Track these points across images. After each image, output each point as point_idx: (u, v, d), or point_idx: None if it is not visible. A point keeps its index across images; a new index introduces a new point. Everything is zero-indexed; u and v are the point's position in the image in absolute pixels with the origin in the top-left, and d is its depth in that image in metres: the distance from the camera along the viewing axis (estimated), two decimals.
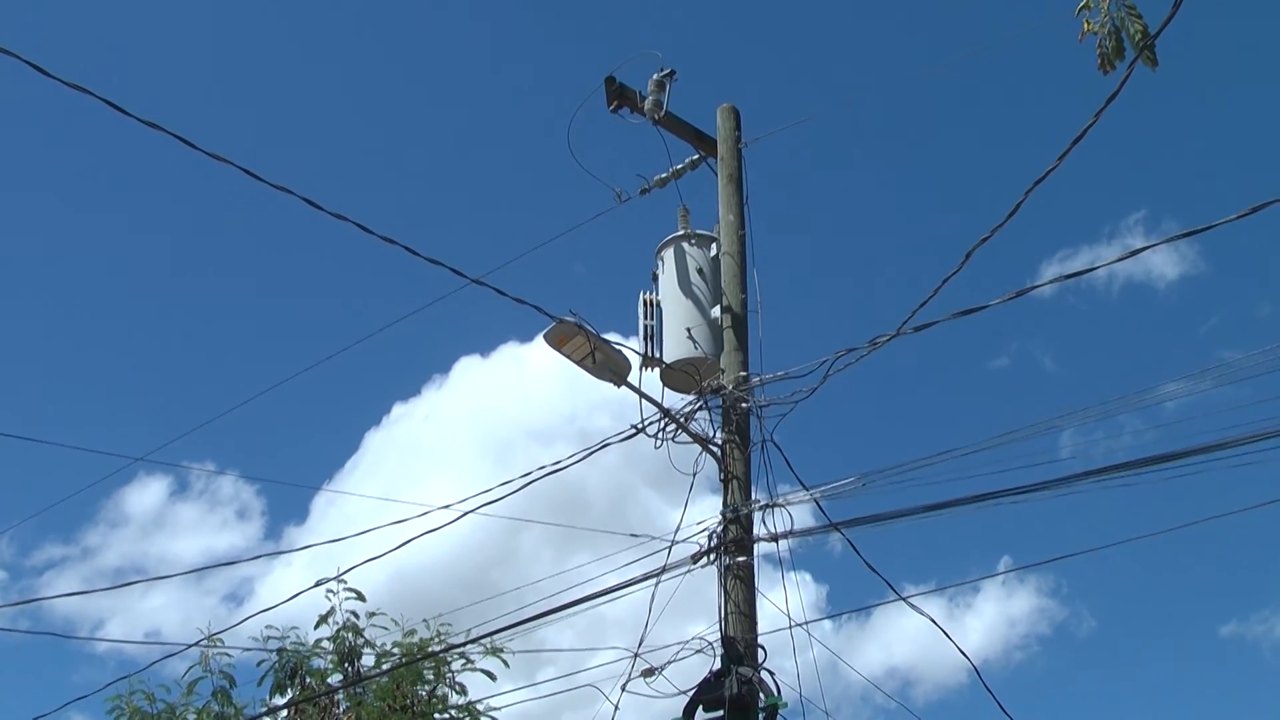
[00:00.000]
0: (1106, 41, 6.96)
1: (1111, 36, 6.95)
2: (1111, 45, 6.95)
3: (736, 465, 10.21)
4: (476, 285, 9.92)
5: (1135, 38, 6.91)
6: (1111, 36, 6.95)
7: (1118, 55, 6.95)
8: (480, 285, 9.95)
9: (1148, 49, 6.85)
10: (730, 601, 9.83)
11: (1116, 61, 6.97)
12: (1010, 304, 9.16)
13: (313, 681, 15.02)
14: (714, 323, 10.72)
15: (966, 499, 9.34)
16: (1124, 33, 6.94)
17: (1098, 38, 7.00)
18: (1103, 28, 6.98)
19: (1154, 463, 8.66)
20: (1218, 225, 8.08)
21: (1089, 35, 7.04)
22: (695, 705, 9.73)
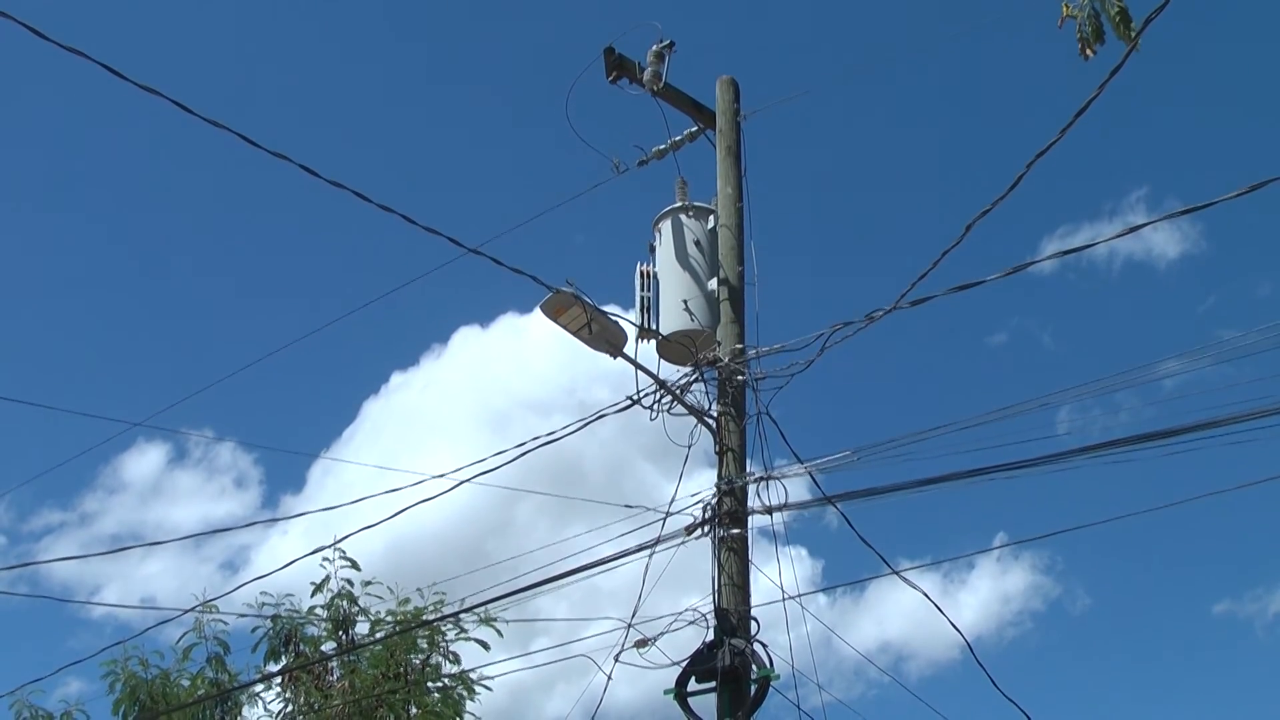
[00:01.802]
0: (1085, 25, 6.88)
1: (1091, 20, 6.87)
2: (1091, 29, 6.87)
3: (732, 438, 10.22)
4: (474, 255, 9.90)
5: (1114, 19, 6.82)
6: (1091, 20, 6.87)
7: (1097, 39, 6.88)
8: (478, 255, 9.92)
9: (1126, 29, 6.78)
10: (724, 574, 9.85)
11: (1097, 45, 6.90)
12: (1010, 280, 9.17)
13: (307, 649, 15.07)
14: (711, 295, 10.71)
15: (961, 474, 9.36)
16: (1103, 15, 6.84)
17: (1076, 22, 6.92)
18: (1081, 11, 6.90)
19: (1150, 439, 8.68)
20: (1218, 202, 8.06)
21: (1068, 20, 6.96)
22: (688, 676, 9.77)
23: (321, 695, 14.66)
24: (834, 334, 9.95)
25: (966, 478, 9.33)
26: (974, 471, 9.32)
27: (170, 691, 14.93)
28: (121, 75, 7.79)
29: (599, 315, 10.17)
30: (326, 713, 14.29)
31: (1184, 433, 8.51)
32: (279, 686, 15.06)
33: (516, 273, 9.95)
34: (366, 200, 9.16)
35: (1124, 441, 8.84)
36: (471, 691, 14.94)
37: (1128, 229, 9.34)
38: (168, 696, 14.85)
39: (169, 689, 14.95)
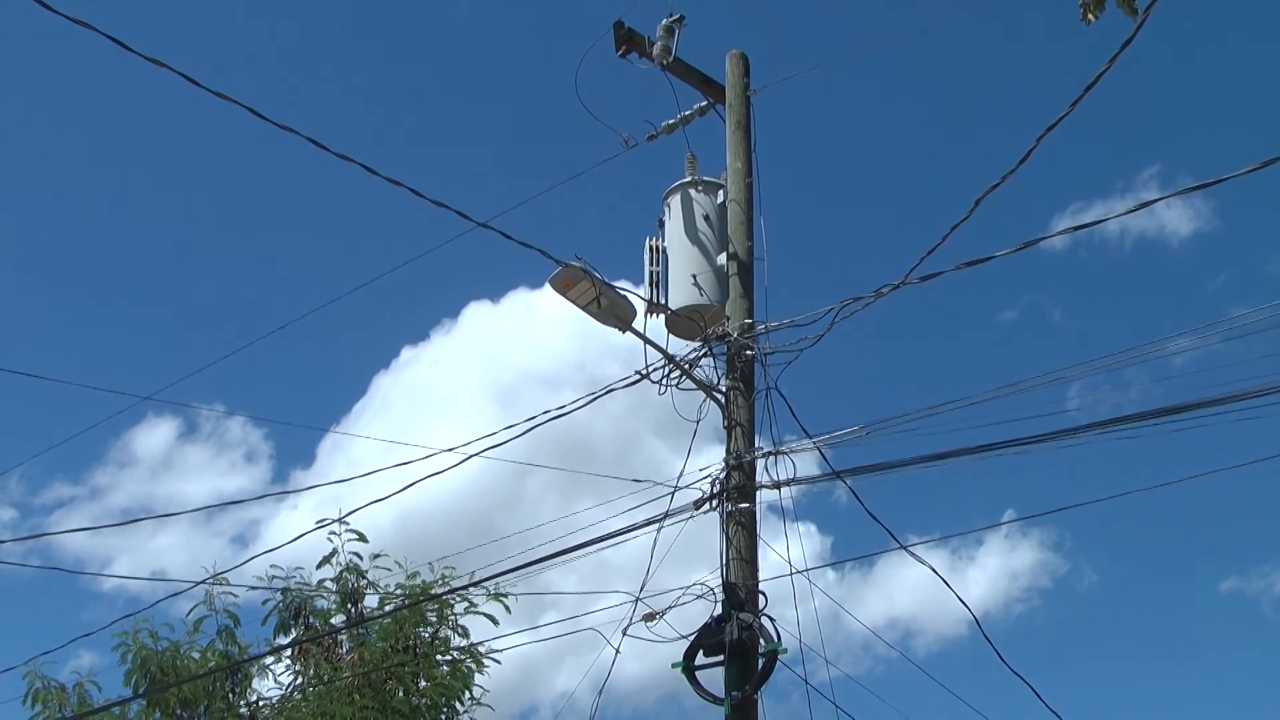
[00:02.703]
0: None
1: None
2: None
3: (740, 412, 10.21)
4: (484, 230, 9.89)
5: None
6: None
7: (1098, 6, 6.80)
8: (487, 229, 9.92)
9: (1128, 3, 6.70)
10: (732, 548, 9.86)
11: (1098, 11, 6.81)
12: (1021, 257, 9.13)
13: (316, 622, 15.12)
14: (720, 270, 10.70)
15: (970, 449, 9.35)
16: None
17: None
18: None
19: (1158, 415, 8.66)
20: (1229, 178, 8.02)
21: None
22: (696, 650, 9.79)
23: (331, 668, 14.72)
24: (843, 309, 9.94)
25: (975, 453, 9.32)
26: (983, 447, 9.31)
27: (180, 663, 15.01)
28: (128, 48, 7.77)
29: (608, 290, 10.16)
30: (336, 685, 14.34)
31: (1193, 409, 8.49)
32: (288, 659, 15.14)
33: (525, 247, 9.95)
34: (374, 174, 9.15)
35: (1133, 418, 8.82)
36: (480, 665, 14.99)
37: (1139, 205, 9.28)
38: (178, 668, 14.92)
39: (179, 661, 15.03)
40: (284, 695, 15.01)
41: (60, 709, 15.16)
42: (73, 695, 15.35)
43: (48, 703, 15.21)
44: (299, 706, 14.50)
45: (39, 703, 15.20)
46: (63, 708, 15.18)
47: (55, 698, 15.24)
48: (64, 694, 15.29)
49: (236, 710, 15.05)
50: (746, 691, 9.55)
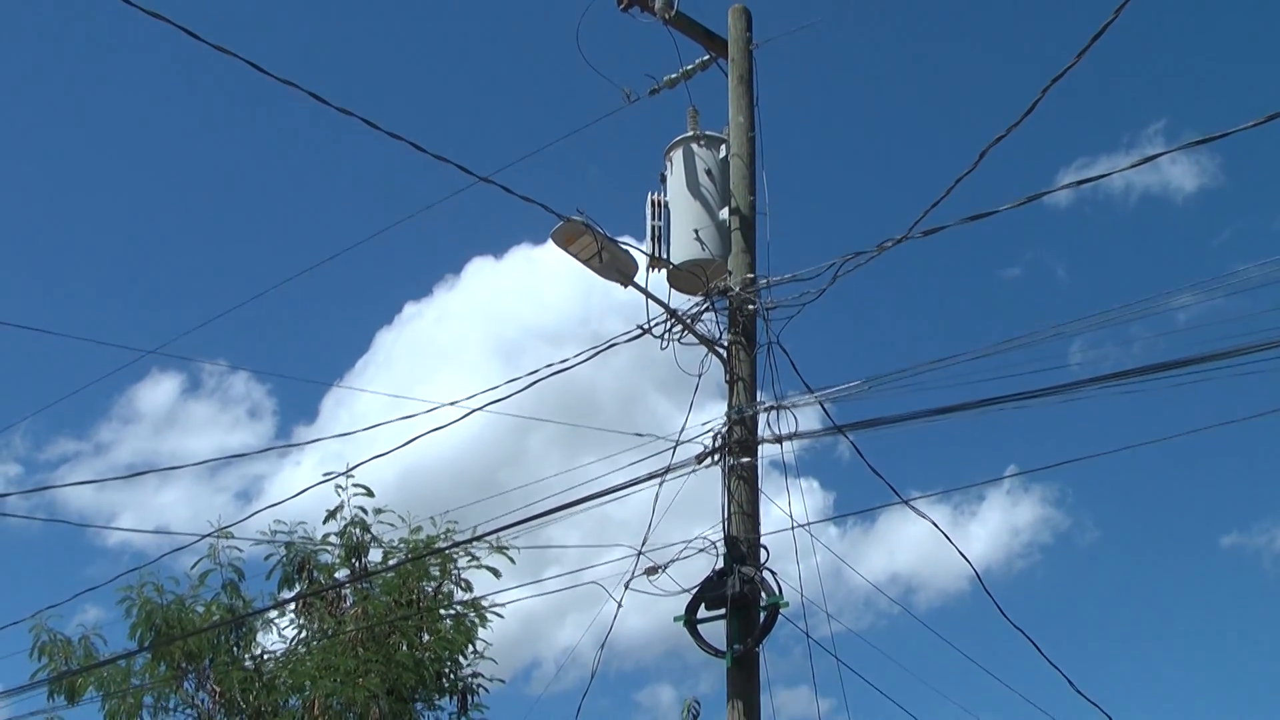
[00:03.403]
0: None
1: None
2: None
3: (742, 367, 10.22)
4: (486, 186, 9.86)
5: None
6: None
7: None
8: (488, 183, 9.89)
9: None
10: (734, 502, 9.88)
11: None
12: (1025, 213, 9.12)
13: (320, 576, 15.19)
14: (722, 225, 10.67)
15: (972, 403, 9.35)
16: None
17: None
18: None
19: (1160, 370, 8.66)
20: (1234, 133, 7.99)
21: None
22: (698, 604, 9.83)
23: (335, 621, 14.80)
24: (845, 264, 9.92)
25: (977, 408, 9.32)
26: (985, 401, 9.31)
27: (185, 617, 15.08)
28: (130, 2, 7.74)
29: (610, 244, 10.15)
30: (339, 639, 14.42)
31: (1195, 363, 8.48)
32: (293, 613, 15.21)
33: (527, 201, 9.92)
34: (375, 128, 9.12)
35: (1135, 372, 8.82)
36: (483, 619, 15.07)
37: (1143, 159, 9.23)
38: (183, 622, 15.00)
39: (184, 615, 15.10)
40: (288, 649, 15.10)
41: (66, 662, 15.26)
42: (79, 648, 15.45)
43: (54, 656, 15.31)
44: (303, 660, 14.59)
45: (45, 656, 15.30)
46: (69, 661, 15.28)
47: (62, 651, 15.34)
48: (70, 647, 15.39)
49: (241, 663, 15.14)
50: (748, 645, 9.60)
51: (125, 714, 15.00)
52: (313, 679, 14.07)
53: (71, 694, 15.15)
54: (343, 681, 13.68)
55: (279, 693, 14.76)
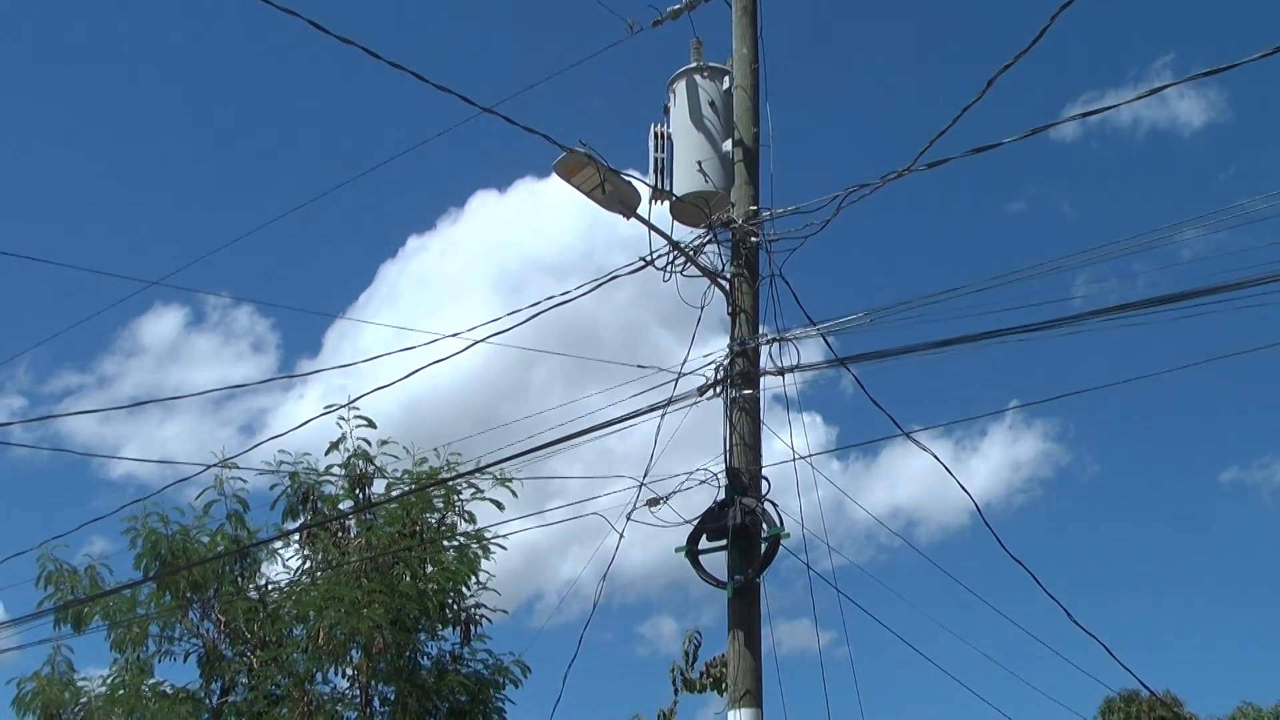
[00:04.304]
0: None
1: None
2: None
3: (745, 299, 10.21)
4: (489, 118, 9.82)
5: None
6: None
7: None
8: (491, 114, 9.84)
9: None
10: (735, 434, 9.91)
11: None
12: (1030, 148, 9.14)
13: (324, 507, 15.26)
14: (725, 156, 10.63)
15: (974, 335, 9.35)
16: None
17: None
18: None
19: (1162, 303, 8.65)
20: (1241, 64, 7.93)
21: None
22: (699, 535, 9.88)
23: (339, 552, 14.89)
24: (849, 196, 9.89)
25: (979, 340, 9.32)
26: (987, 334, 9.31)
27: (190, 547, 15.18)
28: None
29: (612, 175, 10.12)
30: (344, 569, 14.52)
31: (1197, 296, 8.47)
32: (297, 543, 15.31)
33: (529, 131, 9.88)
34: (377, 58, 9.07)
35: (1137, 305, 8.81)
36: (486, 550, 15.16)
37: (1150, 90, 9.14)
38: (188, 552, 15.09)
39: (189, 545, 15.20)
40: (292, 579, 15.20)
41: (72, 591, 15.37)
42: (84, 578, 15.56)
43: (60, 585, 15.43)
44: (307, 590, 14.69)
45: (51, 585, 15.41)
46: (75, 590, 15.40)
47: (68, 580, 15.45)
48: (76, 577, 15.50)
49: (246, 593, 15.25)
50: (749, 575, 9.66)
51: (131, 643, 15.14)
52: (318, 609, 14.17)
53: (78, 623, 15.29)
54: (347, 612, 13.78)
55: (283, 623, 14.88)
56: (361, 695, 14.47)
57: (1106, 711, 49.88)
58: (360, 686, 14.52)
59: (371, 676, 14.46)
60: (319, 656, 14.08)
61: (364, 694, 14.46)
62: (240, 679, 14.99)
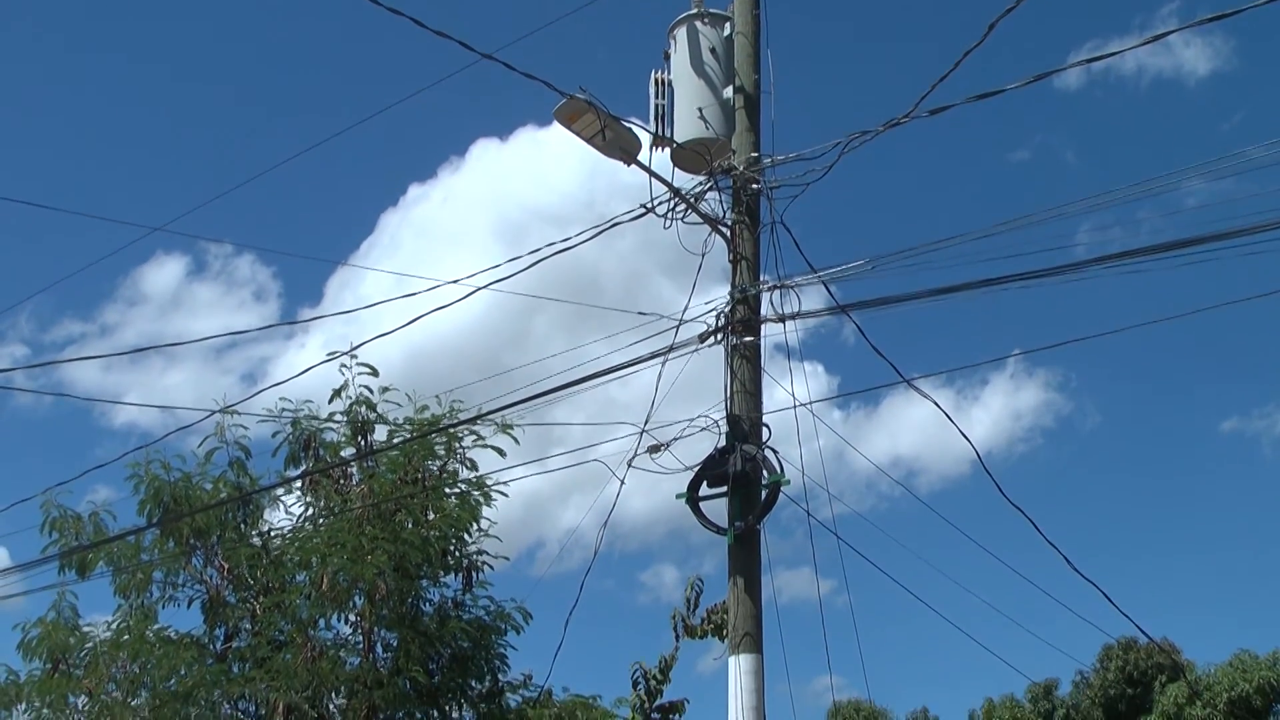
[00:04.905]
0: None
1: None
2: None
3: (746, 246, 10.21)
4: (490, 66, 9.79)
5: None
6: None
7: None
8: (490, 60, 9.80)
9: None
10: (736, 381, 9.94)
11: None
12: (1034, 96, 9.19)
13: (326, 454, 15.29)
14: (726, 103, 10.60)
15: (977, 283, 9.35)
16: None
17: None
18: None
19: (1165, 249, 8.64)
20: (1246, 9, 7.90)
21: None
22: (699, 481, 9.93)
23: (341, 499, 14.94)
24: (850, 143, 9.87)
25: (981, 287, 9.33)
26: (989, 281, 9.31)
27: (193, 494, 15.22)
28: None
29: (612, 121, 10.10)
30: (347, 516, 14.58)
31: (1200, 243, 8.47)
32: (299, 490, 15.35)
33: (529, 78, 9.86)
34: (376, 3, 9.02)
35: (1140, 251, 8.81)
36: (488, 497, 15.20)
37: (1155, 36, 9.12)
38: (190, 499, 15.14)
39: (192, 492, 15.24)
40: (295, 526, 15.27)
41: (77, 537, 15.44)
42: (88, 524, 15.62)
43: (64, 531, 15.49)
44: (310, 537, 14.75)
45: (55, 531, 15.48)
46: (79, 536, 15.46)
47: (72, 526, 15.51)
48: (80, 523, 15.56)
49: (248, 540, 15.32)
50: (749, 522, 9.71)
51: (135, 589, 15.23)
52: (321, 556, 14.24)
53: (82, 569, 15.36)
54: (350, 558, 13.84)
55: (286, 569, 14.94)
56: (364, 641, 14.56)
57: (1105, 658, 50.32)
58: (363, 632, 14.61)
59: (374, 622, 14.55)
60: (322, 603, 14.15)
61: (367, 640, 14.55)
62: (244, 625, 15.07)
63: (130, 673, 14.68)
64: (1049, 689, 51.56)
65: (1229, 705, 42.70)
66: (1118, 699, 49.74)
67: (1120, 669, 49.71)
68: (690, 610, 15.28)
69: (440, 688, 14.85)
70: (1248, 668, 43.83)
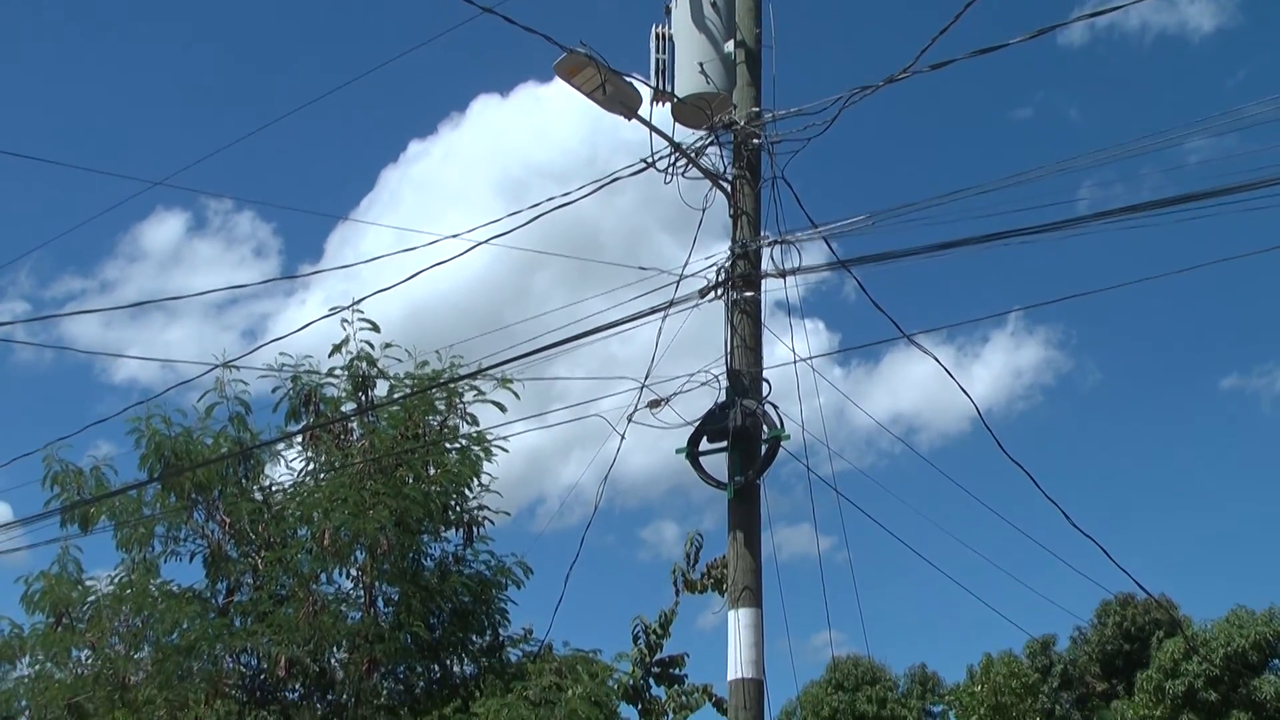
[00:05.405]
0: None
1: None
2: None
3: (746, 201, 10.20)
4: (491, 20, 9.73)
5: None
6: None
7: None
8: (490, 14, 9.75)
9: None
10: (736, 336, 9.94)
11: None
12: (1037, 53, 9.14)
13: (326, 409, 15.31)
14: (727, 58, 10.56)
15: (977, 238, 9.35)
16: None
17: None
18: None
19: (1167, 204, 8.63)
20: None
21: None
22: (699, 436, 9.96)
23: (342, 454, 14.97)
24: (851, 98, 9.83)
25: (982, 242, 9.32)
26: (990, 236, 9.30)
27: (194, 449, 15.25)
28: None
29: (613, 76, 10.06)
30: (348, 471, 14.61)
31: (1201, 198, 8.45)
32: (300, 445, 15.39)
33: (529, 32, 9.81)
34: None
35: (1141, 207, 8.80)
36: (488, 453, 15.24)
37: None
38: (191, 454, 15.17)
39: (193, 447, 15.27)
40: (296, 481, 15.30)
41: (79, 491, 15.48)
42: (90, 479, 15.65)
43: (66, 485, 15.53)
44: (312, 492, 14.80)
45: (57, 485, 15.51)
46: (80, 490, 15.50)
47: (73, 481, 15.54)
48: (81, 477, 15.59)
49: (250, 495, 15.36)
50: (749, 476, 9.74)
51: (137, 543, 15.29)
52: (322, 511, 14.28)
53: (84, 523, 15.41)
54: (351, 513, 13.89)
55: (288, 524, 15.00)
56: (366, 595, 14.63)
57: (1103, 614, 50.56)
58: (364, 587, 14.67)
59: (376, 577, 14.61)
60: (324, 557, 14.21)
61: (368, 594, 14.61)
62: (245, 579, 15.14)
63: (133, 626, 14.77)
64: (1047, 644, 51.87)
65: (1225, 660, 42.94)
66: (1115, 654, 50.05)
67: (1118, 624, 49.99)
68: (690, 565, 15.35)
69: (441, 642, 14.94)
70: (1244, 623, 44.05)
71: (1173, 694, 43.43)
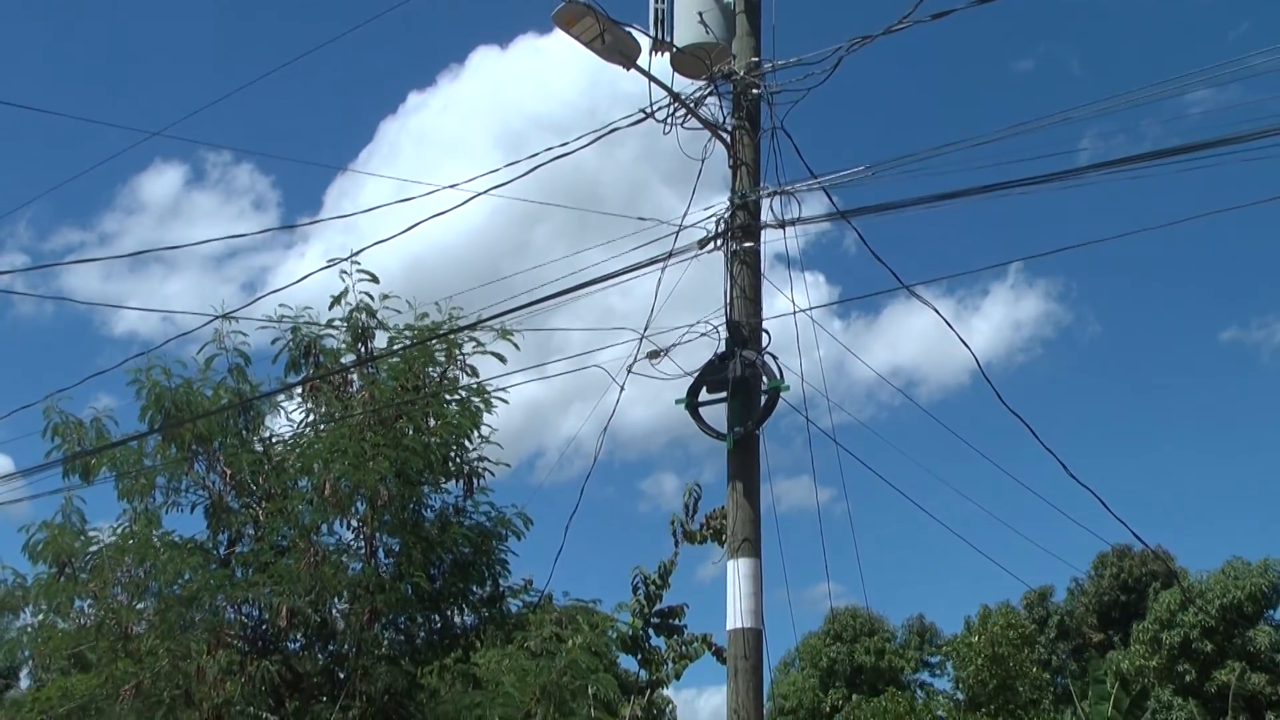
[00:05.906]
0: None
1: None
2: None
3: (746, 151, 10.17)
4: None
5: None
6: None
7: None
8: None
9: None
10: (736, 286, 9.94)
11: None
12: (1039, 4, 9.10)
13: (326, 360, 15.31)
14: (726, 7, 10.50)
15: (977, 189, 9.33)
16: None
17: None
18: None
19: (1168, 155, 8.61)
20: None
21: None
22: (699, 387, 9.97)
23: (342, 405, 14.99)
24: (851, 48, 9.79)
25: (982, 193, 9.30)
26: (990, 186, 9.28)
27: (194, 400, 15.26)
28: None
29: (612, 25, 10.01)
30: (348, 422, 14.64)
31: (1202, 148, 8.43)
32: (300, 397, 15.40)
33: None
34: None
35: (1142, 157, 8.78)
36: (488, 404, 15.26)
37: None
38: (192, 405, 15.18)
39: (193, 398, 15.28)
40: (296, 432, 15.33)
41: (79, 443, 15.49)
42: (90, 430, 15.66)
43: (67, 437, 15.54)
44: (312, 443, 14.83)
45: (58, 436, 15.52)
46: (81, 442, 15.51)
47: (74, 432, 15.55)
48: (81, 429, 15.60)
49: (250, 446, 15.39)
50: (749, 427, 9.76)
51: (139, 494, 15.32)
52: (323, 462, 14.32)
53: (86, 473, 15.44)
54: (352, 464, 13.92)
55: (288, 475, 15.04)
56: (366, 546, 14.69)
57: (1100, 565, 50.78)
58: (365, 538, 14.73)
59: (376, 528, 14.67)
60: (324, 508, 14.26)
61: (369, 545, 14.68)
62: (247, 530, 15.19)
63: (135, 576, 14.82)
64: (1044, 595, 52.14)
65: (1221, 611, 43.18)
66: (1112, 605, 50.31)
67: (1115, 576, 50.22)
68: (689, 516, 15.42)
69: (442, 592, 15.02)
70: (1239, 574, 44.27)
71: (1169, 644, 43.71)
